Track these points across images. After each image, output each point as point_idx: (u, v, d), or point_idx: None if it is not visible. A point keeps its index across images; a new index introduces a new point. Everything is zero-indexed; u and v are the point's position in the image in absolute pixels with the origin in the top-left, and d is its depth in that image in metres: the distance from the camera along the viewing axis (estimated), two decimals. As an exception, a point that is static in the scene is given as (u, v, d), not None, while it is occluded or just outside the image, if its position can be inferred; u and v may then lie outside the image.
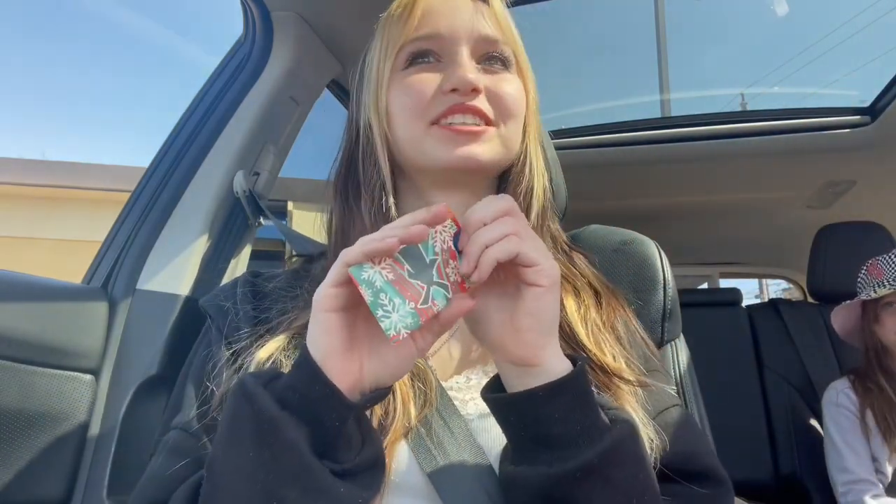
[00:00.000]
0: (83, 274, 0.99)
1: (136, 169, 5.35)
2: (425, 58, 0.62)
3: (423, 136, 0.60)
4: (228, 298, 0.63)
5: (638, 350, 0.61)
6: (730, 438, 1.32)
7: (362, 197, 0.63)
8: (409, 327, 0.40)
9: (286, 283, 0.64)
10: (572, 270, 0.65)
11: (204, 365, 0.58)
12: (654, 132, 1.83)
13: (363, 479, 0.42)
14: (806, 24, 7.99)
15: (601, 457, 0.41)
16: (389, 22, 0.63)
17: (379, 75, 0.62)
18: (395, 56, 0.62)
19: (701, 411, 0.76)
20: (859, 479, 1.46)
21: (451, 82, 0.59)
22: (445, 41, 0.62)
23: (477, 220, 0.43)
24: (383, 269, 0.41)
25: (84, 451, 0.83)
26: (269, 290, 0.64)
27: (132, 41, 20.31)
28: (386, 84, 0.62)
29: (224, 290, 0.65)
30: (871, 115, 1.70)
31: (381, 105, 0.62)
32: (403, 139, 0.61)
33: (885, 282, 1.48)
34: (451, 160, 0.59)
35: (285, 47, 1.08)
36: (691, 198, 2.21)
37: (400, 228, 0.42)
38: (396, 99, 0.61)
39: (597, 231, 0.78)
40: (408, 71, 0.62)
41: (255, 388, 0.41)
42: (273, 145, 1.11)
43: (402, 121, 0.61)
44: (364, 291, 0.40)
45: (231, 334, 0.59)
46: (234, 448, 0.40)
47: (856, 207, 2.12)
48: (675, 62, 2.84)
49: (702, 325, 1.80)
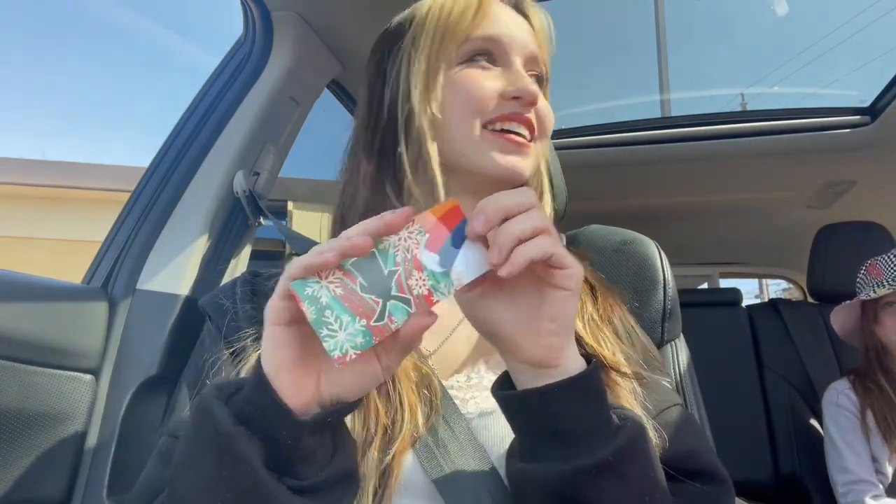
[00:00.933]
0: (83, 274, 0.99)
1: (136, 169, 5.34)
2: (483, 58, 0.62)
3: (475, 138, 0.59)
4: (227, 298, 0.62)
5: (635, 347, 0.61)
6: (730, 438, 1.32)
7: (397, 189, 0.62)
8: (359, 347, 0.37)
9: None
10: None
11: (201, 366, 0.57)
12: (654, 132, 1.83)
13: (329, 495, 0.41)
14: (806, 24, 8.00)
15: (616, 453, 0.41)
16: (443, 14, 0.62)
17: (431, 65, 0.60)
18: (453, 49, 0.61)
19: (701, 411, 0.76)
20: (859, 479, 1.46)
21: (516, 89, 0.59)
22: (504, 47, 0.62)
23: (500, 208, 0.40)
24: (331, 283, 0.38)
25: (84, 450, 0.83)
26: (269, 289, 0.62)
27: (132, 41, 20.34)
28: (442, 76, 0.60)
29: (223, 290, 0.64)
30: (871, 115, 1.70)
31: (435, 96, 0.60)
32: (454, 136, 0.60)
33: (884, 282, 1.48)
34: (498, 168, 0.59)
35: (285, 47, 1.08)
36: (691, 198, 2.21)
37: (343, 240, 0.39)
38: (454, 94, 0.60)
39: (597, 231, 0.78)
40: (466, 68, 0.61)
41: (213, 402, 0.39)
42: (273, 145, 1.11)
43: (456, 117, 0.60)
44: (306, 308, 0.36)
45: (231, 334, 0.58)
46: (194, 462, 0.39)
47: (856, 207, 2.12)
48: (675, 62, 2.84)
49: (702, 325, 1.80)
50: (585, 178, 1.91)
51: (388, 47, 0.66)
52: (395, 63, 0.64)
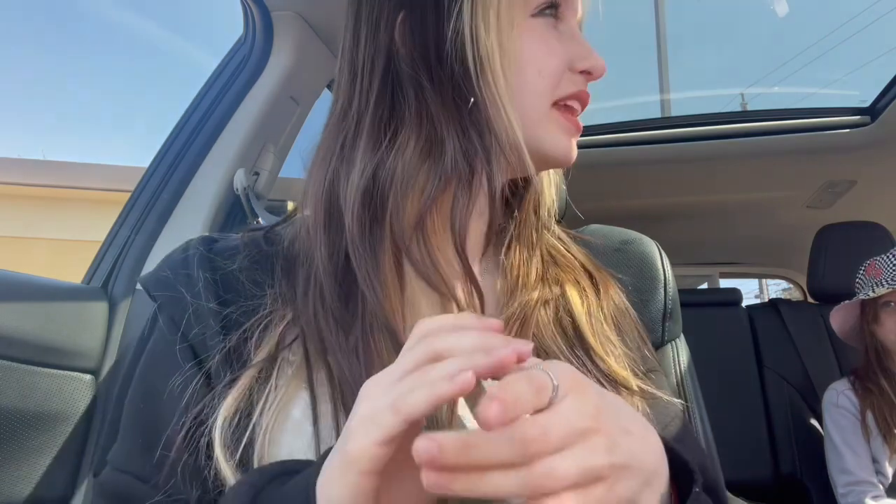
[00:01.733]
0: (83, 274, 0.99)
1: (136, 169, 5.34)
2: (551, 11, 0.51)
3: (545, 114, 0.51)
4: (183, 284, 0.48)
5: (634, 344, 0.57)
6: (730, 438, 1.32)
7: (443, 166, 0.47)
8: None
9: (250, 262, 0.50)
10: (565, 253, 0.61)
11: (154, 382, 0.47)
12: (654, 132, 1.83)
13: None
14: (806, 24, 7.99)
15: None
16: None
17: (503, 3, 0.48)
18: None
19: (701, 411, 0.75)
20: (859, 480, 1.46)
21: (589, 62, 0.51)
22: (570, 4, 0.52)
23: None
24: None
25: (84, 451, 0.83)
26: (232, 271, 0.50)
27: (132, 41, 20.33)
28: (517, 23, 0.49)
29: (172, 267, 0.50)
30: (871, 115, 1.70)
31: (508, 45, 0.48)
32: (526, 106, 0.50)
33: (883, 281, 1.48)
34: (558, 151, 0.52)
35: (285, 47, 1.08)
36: (691, 198, 2.20)
37: (479, 352, 0.29)
38: (529, 58, 0.49)
39: (597, 231, 0.78)
40: (541, 23, 0.50)
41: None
42: (273, 145, 1.11)
43: (528, 85, 0.49)
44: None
45: (195, 339, 0.47)
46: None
47: (856, 207, 2.11)
48: (675, 62, 2.84)
49: (702, 325, 1.80)
50: (585, 178, 1.90)
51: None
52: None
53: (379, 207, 0.47)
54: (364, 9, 0.52)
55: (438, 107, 0.48)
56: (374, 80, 0.50)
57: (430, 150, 0.48)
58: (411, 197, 0.47)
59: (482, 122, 0.48)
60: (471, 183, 0.48)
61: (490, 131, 0.47)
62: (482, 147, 0.47)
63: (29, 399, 0.76)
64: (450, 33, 0.48)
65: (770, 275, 3.35)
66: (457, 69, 0.48)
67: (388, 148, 0.48)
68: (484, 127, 0.47)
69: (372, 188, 0.47)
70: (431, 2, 0.49)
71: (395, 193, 0.47)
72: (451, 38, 0.47)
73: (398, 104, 0.49)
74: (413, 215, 0.47)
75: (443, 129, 0.47)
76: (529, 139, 0.50)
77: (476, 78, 0.47)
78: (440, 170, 0.47)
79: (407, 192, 0.47)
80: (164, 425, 0.44)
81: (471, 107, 0.47)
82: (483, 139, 0.47)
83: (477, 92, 0.47)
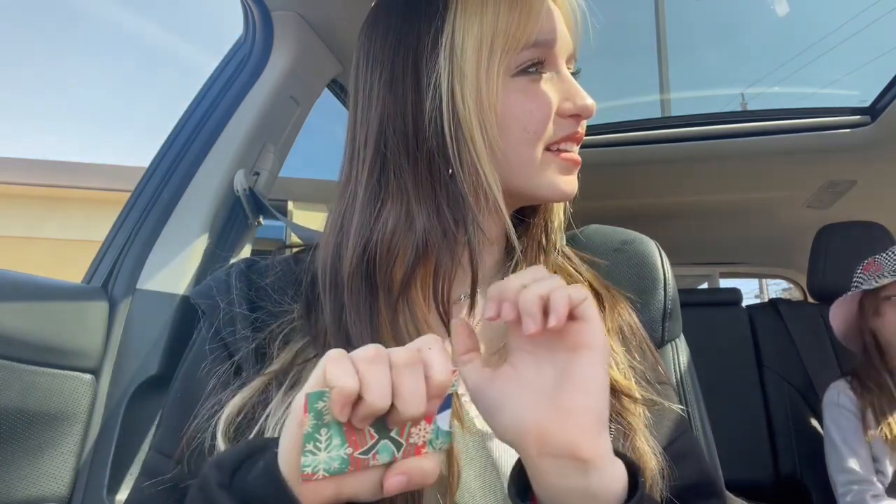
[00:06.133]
0: (83, 274, 0.99)
1: (136, 169, 5.34)
2: (534, 68, 0.53)
3: (539, 162, 0.53)
4: (222, 294, 0.55)
5: (644, 358, 0.58)
6: (730, 438, 1.32)
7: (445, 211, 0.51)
8: (331, 472, 0.35)
9: (280, 281, 0.57)
10: (573, 272, 0.62)
11: (194, 375, 0.53)
12: (654, 132, 1.83)
13: None
14: (806, 24, 8.00)
15: None
16: (498, 3, 0.51)
17: (481, 72, 0.50)
18: (509, 55, 0.51)
19: (701, 411, 0.75)
20: (860, 479, 1.46)
21: (577, 107, 0.53)
22: (554, 50, 0.54)
23: (517, 285, 0.39)
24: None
25: (84, 450, 0.83)
26: (263, 286, 0.56)
27: (132, 41, 20.31)
28: (496, 89, 0.50)
29: (217, 282, 0.57)
30: (871, 115, 1.70)
31: (488, 111, 0.50)
32: (515, 161, 0.52)
33: (885, 273, 1.48)
34: (556, 192, 0.54)
35: (285, 47, 1.08)
36: (691, 198, 2.20)
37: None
38: (515, 114, 0.51)
39: (597, 231, 0.78)
40: (523, 80, 0.52)
41: (216, 492, 0.35)
42: (273, 145, 1.11)
43: (516, 140, 0.52)
44: (308, 420, 0.34)
45: (228, 337, 0.53)
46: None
47: (856, 207, 2.11)
48: (675, 62, 2.84)
49: (702, 325, 1.81)
50: (585, 177, 1.89)
51: (418, 23, 0.52)
52: (433, 54, 0.51)
53: (371, 277, 0.51)
54: (360, 84, 0.56)
55: (411, 183, 0.51)
56: (367, 156, 0.53)
57: (408, 224, 0.51)
58: (397, 267, 0.51)
59: (457, 192, 0.51)
60: (453, 250, 0.50)
61: (464, 200, 0.50)
62: (454, 218, 0.50)
63: (29, 398, 0.76)
64: (427, 108, 0.51)
65: (770, 275, 3.35)
66: (435, 143, 0.51)
67: (376, 222, 0.52)
68: (458, 197, 0.51)
69: (363, 260, 0.51)
70: (411, 80, 0.52)
71: (380, 264, 0.51)
72: (428, 112, 0.51)
73: (384, 180, 0.53)
74: (399, 284, 0.51)
75: (414, 205, 0.51)
76: (526, 187, 0.53)
77: (454, 149, 0.50)
78: (414, 241, 0.50)
79: (392, 263, 0.51)
80: (194, 411, 0.50)
81: (448, 178, 0.51)
82: (459, 209, 0.50)
83: (454, 163, 0.50)
